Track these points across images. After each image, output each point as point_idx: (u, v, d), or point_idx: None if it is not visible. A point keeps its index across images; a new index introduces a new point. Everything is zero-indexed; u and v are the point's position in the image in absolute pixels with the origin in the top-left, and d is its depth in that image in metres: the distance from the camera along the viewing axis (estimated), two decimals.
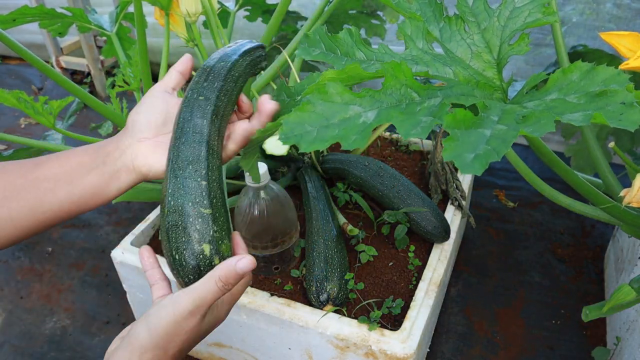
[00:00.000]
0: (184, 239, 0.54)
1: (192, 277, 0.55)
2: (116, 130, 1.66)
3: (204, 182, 0.56)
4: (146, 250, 0.63)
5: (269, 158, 1.20)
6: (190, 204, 0.54)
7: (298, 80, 1.09)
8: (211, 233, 0.54)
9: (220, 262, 0.55)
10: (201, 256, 0.54)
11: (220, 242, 0.55)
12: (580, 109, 0.46)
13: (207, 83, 0.62)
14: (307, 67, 1.54)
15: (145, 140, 0.61)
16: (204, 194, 0.55)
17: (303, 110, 0.49)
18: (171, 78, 0.67)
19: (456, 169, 1.22)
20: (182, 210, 0.54)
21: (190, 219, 0.54)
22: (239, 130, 0.66)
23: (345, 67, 0.52)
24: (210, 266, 0.54)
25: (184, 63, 0.69)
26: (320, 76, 0.52)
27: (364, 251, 1.00)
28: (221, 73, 0.63)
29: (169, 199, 0.55)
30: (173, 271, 0.56)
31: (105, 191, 0.61)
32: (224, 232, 0.56)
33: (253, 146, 0.67)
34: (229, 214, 0.60)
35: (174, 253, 0.54)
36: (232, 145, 0.66)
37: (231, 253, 0.57)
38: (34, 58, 0.92)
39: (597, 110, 0.45)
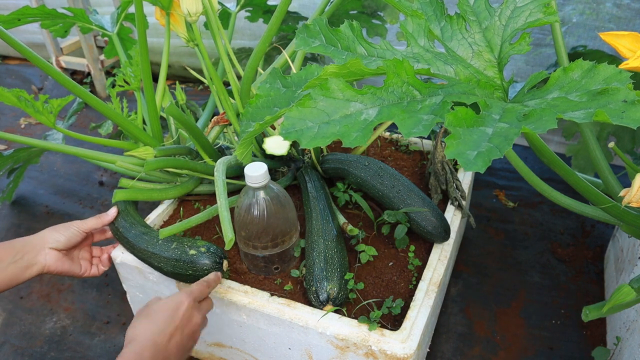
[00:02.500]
0: None
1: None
2: (116, 129, 1.66)
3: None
4: None
5: (269, 158, 1.19)
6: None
7: None
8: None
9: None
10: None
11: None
12: (582, 107, 0.46)
13: None
14: None
15: (56, 250, 0.96)
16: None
17: (304, 106, 0.49)
18: (94, 225, 1.03)
19: (456, 169, 1.22)
20: None
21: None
22: None
23: (347, 61, 0.52)
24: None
25: (109, 218, 1.05)
26: (320, 70, 0.52)
27: (364, 251, 1.00)
28: None
29: None
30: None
31: (19, 279, 0.91)
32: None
33: (249, 137, 0.67)
34: None
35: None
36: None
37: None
38: (36, 57, 0.92)
39: (599, 107, 0.45)
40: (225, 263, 0.97)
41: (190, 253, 0.95)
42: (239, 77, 1.12)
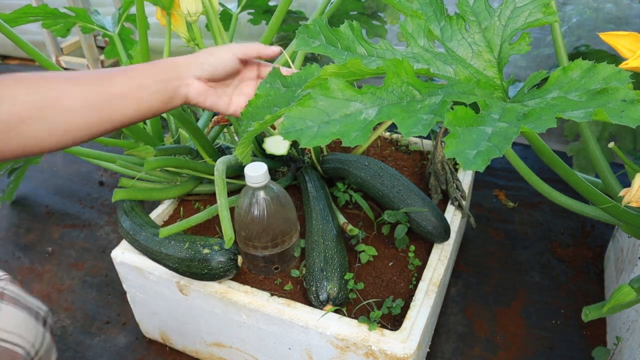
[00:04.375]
0: None
1: None
2: None
3: None
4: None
5: (269, 158, 1.20)
6: None
7: None
8: None
9: None
10: None
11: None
12: (582, 107, 0.46)
13: None
14: None
15: (201, 80, 0.78)
16: None
17: (304, 105, 0.49)
18: (250, 51, 0.80)
19: (456, 169, 1.22)
20: None
21: None
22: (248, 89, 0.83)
23: (346, 61, 0.52)
24: None
25: (270, 51, 0.81)
26: (320, 70, 0.52)
27: (364, 251, 1.00)
28: None
29: None
30: None
31: (161, 110, 0.77)
32: None
33: (249, 137, 0.67)
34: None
35: None
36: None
37: None
38: (38, 54, 0.93)
39: (598, 107, 0.45)
40: (239, 259, 0.97)
41: (204, 252, 0.94)
42: None
